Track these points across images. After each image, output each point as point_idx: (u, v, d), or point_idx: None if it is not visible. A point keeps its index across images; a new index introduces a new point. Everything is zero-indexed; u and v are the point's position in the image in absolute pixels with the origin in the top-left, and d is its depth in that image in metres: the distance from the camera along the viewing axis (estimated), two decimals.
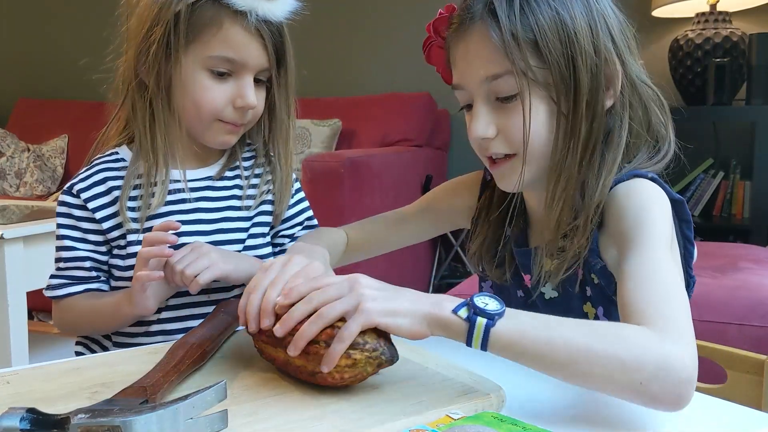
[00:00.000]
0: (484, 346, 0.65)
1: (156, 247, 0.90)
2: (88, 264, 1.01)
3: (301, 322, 0.69)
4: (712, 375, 0.81)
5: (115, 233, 1.01)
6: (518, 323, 0.66)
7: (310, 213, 1.16)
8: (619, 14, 0.85)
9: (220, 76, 0.97)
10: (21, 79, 4.17)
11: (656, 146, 0.86)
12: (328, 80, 3.49)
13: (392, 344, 0.70)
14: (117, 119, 1.06)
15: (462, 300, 0.67)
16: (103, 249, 1.02)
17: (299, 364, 0.71)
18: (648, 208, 0.78)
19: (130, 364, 0.81)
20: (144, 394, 0.65)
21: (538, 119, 0.80)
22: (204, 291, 0.98)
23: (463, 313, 0.66)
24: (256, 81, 1.00)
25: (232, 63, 0.96)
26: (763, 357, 0.92)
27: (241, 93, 0.98)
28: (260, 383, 0.75)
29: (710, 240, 2.49)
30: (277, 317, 0.72)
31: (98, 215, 1.01)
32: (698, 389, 0.66)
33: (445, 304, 0.68)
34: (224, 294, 1.02)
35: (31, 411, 0.58)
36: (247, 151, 1.12)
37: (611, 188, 0.81)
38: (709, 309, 1.61)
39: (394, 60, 3.46)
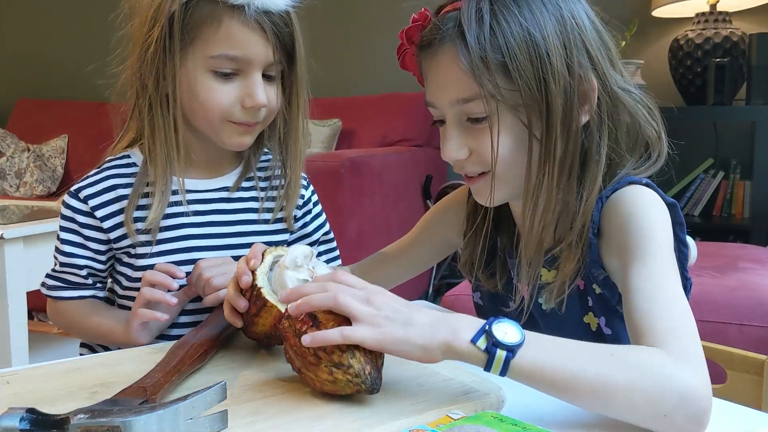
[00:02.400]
0: (503, 374, 0.64)
1: (159, 293, 0.90)
2: (84, 272, 0.99)
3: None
4: (712, 375, 0.80)
5: (125, 242, 0.98)
6: (539, 353, 0.64)
7: (327, 228, 1.14)
8: (598, 24, 0.82)
9: (226, 76, 0.92)
10: (21, 79, 4.17)
11: (647, 150, 0.84)
12: (328, 80, 3.49)
13: (380, 373, 0.69)
14: (128, 129, 1.02)
15: (479, 326, 0.65)
16: (103, 258, 1.00)
17: (291, 356, 0.71)
18: (648, 216, 0.76)
19: (130, 364, 0.81)
20: (144, 394, 0.65)
21: (508, 141, 0.79)
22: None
23: (482, 343, 0.64)
24: (267, 77, 0.95)
25: (236, 61, 0.91)
26: (763, 357, 0.92)
27: (250, 92, 0.93)
28: (260, 383, 0.75)
29: (710, 240, 2.48)
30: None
31: (106, 224, 0.97)
32: None
33: (462, 333, 0.65)
34: None
35: (31, 411, 0.58)
36: (263, 161, 1.07)
37: (608, 196, 0.80)
38: (709, 309, 1.61)
39: (394, 60, 3.43)
